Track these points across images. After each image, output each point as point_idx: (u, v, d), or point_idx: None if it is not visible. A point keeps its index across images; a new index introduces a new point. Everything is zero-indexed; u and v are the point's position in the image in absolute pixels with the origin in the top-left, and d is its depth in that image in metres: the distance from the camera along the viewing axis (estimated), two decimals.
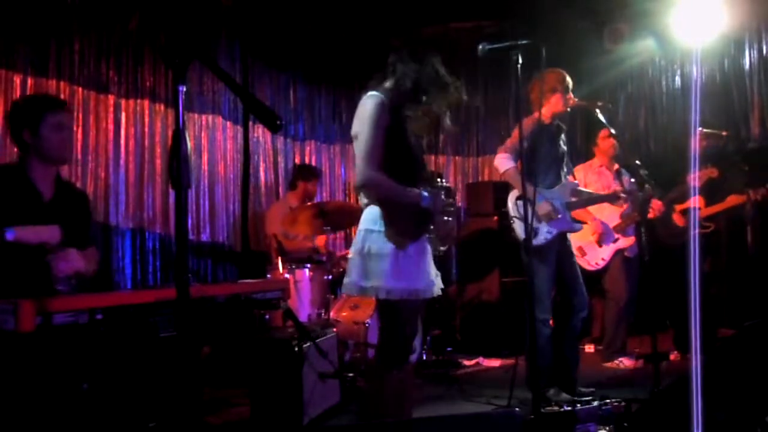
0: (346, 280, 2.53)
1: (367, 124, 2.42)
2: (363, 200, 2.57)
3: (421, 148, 2.63)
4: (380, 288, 2.41)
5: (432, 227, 2.53)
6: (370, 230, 2.46)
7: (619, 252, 4.84)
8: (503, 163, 3.71)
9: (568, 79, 3.79)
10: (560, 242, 3.77)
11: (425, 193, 2.48)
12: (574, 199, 3.88)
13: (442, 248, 2.65)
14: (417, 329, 2.63)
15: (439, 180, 2.63)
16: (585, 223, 4.79)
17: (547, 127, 3.76)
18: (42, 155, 2.58)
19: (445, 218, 2.60)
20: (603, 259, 4.84)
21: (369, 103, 2.45)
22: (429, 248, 2.58)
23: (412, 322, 2.54)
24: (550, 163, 3.79)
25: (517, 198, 3.75)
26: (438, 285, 2.60)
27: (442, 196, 2.53)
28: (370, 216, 2.48)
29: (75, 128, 4.43)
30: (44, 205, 2.59)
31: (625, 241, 4.84)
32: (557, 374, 3.74)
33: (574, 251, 4.00)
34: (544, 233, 3.68)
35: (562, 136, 3.90)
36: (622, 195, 4.08)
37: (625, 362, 4.74)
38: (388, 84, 2.53)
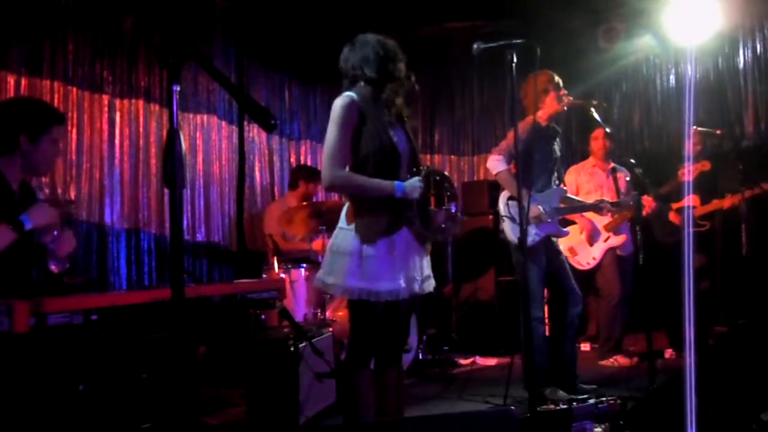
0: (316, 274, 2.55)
1: (332, 124, 2.44)
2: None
3: (409, 140, 2.58)
4: (338, 286, 2.43)
5: (414, 219, 2.45)
6: (340, 227, 2.51)
7: (611, 250, 4.85)
8: (496, 165, 3.72)
9: (557, 77, 3.80)
10: (547, 243, 3.79)
11: (399, 183, 2.42)
12: (562, 206, 3.90)
13: (440, 238, 2.60)
14: (404, 332, 2.60)
15: (422, 168, 2.53)
16: (574, 222, 4.80)
17: (543, 129, 3.77)
18: (30, 164, 2.46)
19: (443, 208, 2.57)
20: (594, 258, 4.85)
21: (337, 103, 2.46)
22: (415, 245, 2.49)
23: (385, 323, 2.47)
24: (544, 167, 3.80)
25: (509, 198, 3.76)
26: (429, 285, 2.57)
27: (418, 183, 2.43)
28: (343, 214, 2.52)
29: (69, 128, 4.41)
30: (15, 203, 2.44)
31: (617, 239, 4.85)
32: (556, 372, 3.75)
33: (566, 252, 4.02)
34: (533, 234, 3.70)
35: (557, 139, 3.90)
36: (607, 205, 4.06)
37: (620, 360, 4.76)
38: (362, 82, 2.50)
